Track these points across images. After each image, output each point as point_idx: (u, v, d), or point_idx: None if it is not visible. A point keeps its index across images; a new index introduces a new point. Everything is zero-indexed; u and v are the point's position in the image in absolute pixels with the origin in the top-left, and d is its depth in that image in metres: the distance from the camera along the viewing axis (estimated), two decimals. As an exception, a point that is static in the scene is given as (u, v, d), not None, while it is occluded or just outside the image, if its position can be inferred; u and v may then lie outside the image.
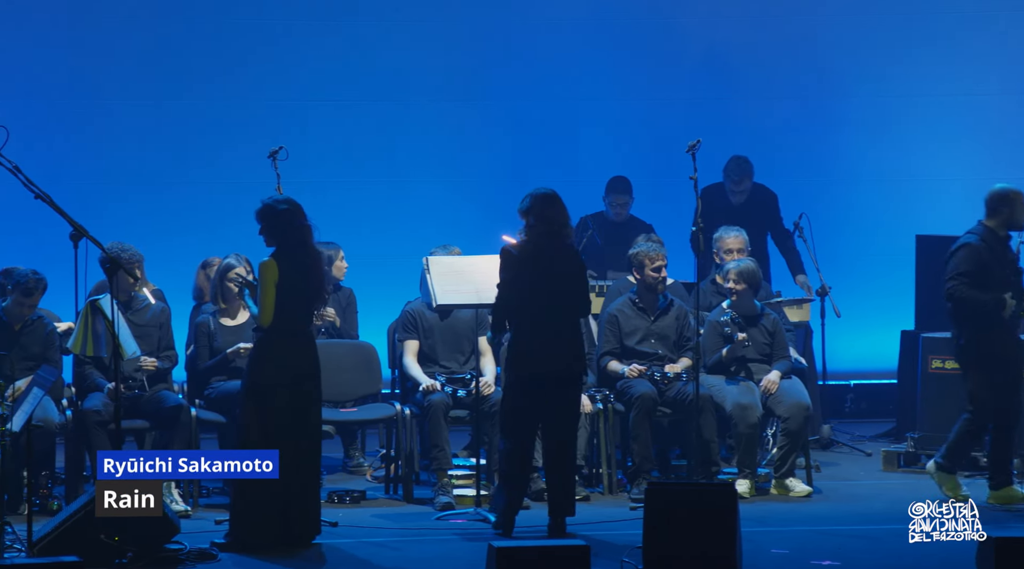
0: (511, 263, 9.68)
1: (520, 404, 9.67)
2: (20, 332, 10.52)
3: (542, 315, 9.64)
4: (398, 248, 13.34)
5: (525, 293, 9.66)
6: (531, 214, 9.72)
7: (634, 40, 14.35)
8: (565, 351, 9.66)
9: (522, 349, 9.66)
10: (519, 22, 14.21)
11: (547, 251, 9.67)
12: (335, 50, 14.00)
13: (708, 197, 12.82)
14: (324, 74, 14.00)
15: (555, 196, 9.74)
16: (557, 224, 9.71)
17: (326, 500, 10.64)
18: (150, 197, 13.76)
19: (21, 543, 8.77)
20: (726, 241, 11.74)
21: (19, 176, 8.56)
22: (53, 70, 13.67)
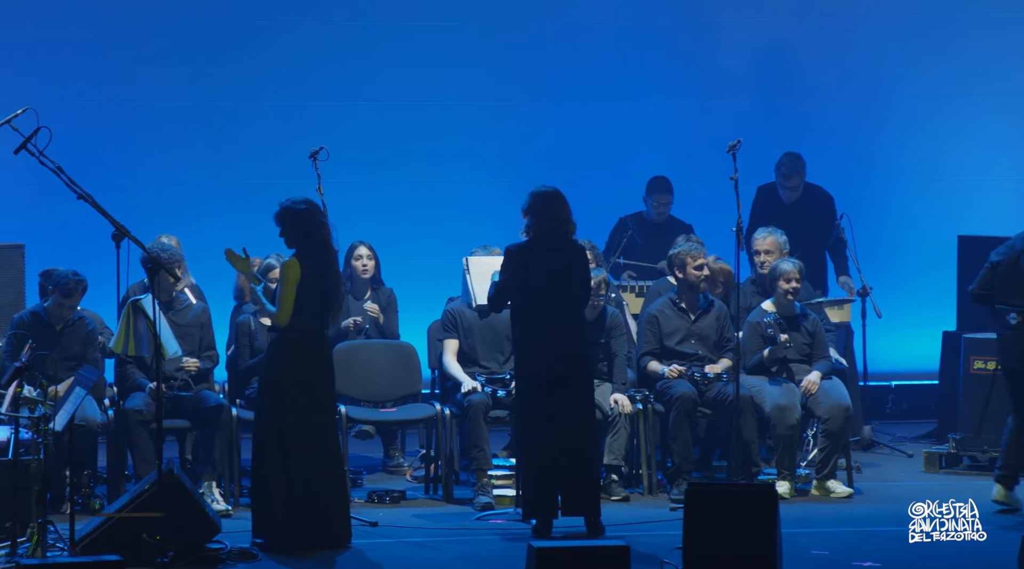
0: (512, 261, 9.70)
1: (531, 404, 9.68)
2: (61, 332, 10.57)
3: (545, 314, 9.64)
4: (439, 248, 13.35)
5: (527, 292, 9.67)
6: (532, 212, 9.73)
7: (675, 40, 14.32)
8: (569, 349, 9.66)
9: (527, 349, 9.67)
10: (559, 22, 14.20)
11: (549, 249, 9.67)
12: (376, 50, 14.02)
13: (762, 197, 12.82)
14: (365, 74, 14.02)
15: (557, 193, 9.74)
16: (558, 221, 9.71)
17: (366, 500, 10.67)
18: (190, 197, 13.80)
19: (64, 542, 8.81)
20: (762, 242, 11.71)
21: (61, 176, 8.60)
22: (95, 71, 13.73)
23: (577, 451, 9.71)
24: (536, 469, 9.68)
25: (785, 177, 12.80)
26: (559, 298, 9.68)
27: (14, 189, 13.19)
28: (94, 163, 12.83)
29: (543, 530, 9.60)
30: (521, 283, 9.69)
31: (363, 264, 11.83)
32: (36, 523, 8.69)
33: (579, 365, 9.72)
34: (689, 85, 14.33)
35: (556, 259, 9.69)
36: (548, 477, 9.68)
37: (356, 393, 11.22)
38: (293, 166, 11.84)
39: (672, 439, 10.84)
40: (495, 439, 11.22)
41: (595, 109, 14.23)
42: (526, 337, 9.69)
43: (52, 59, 13.63)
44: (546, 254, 9.67)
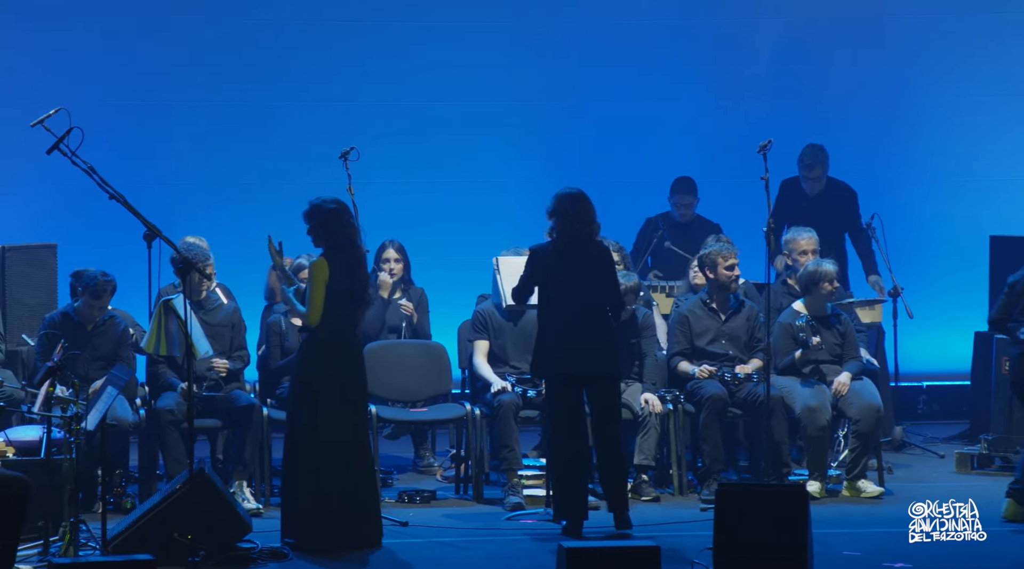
0: (535, 262, 9.70)
1: (557, 405, 9.68)
2: (92, 332, 10.61)
3: (568, 314, 9.64)
4: (469, 248, 13.35)
5: (551, 292, 9.67)
6: (556, 215, 9.72)
7: (703, 39, 14.31)
8: (593, 350, 9.65)
9: (550, 349, 9.67)
10: (587, 23, 14.20)
11: (572, 251, 9.66)
12: (406, 50, 14.04)
13: (785, 191, 12.79)
14: (396, 74, 14.04)
15: (581, 195, 9.74)
16: (583, 222, 9.70)
17: (396, 500, 10.68)
18: (221, 198, 13.85)
19: (96, 541, 8.84)
20: (799, 242, 11.68)
21: (94, 177, 8.62)
22: (128, 71, 13.78)
23: (604, 450, 9.71)
24: (565, 469, 9.68)
25: (808, 168, 12.77)
26: (584, 299, 9.67)
27: (47, 189, 13.25)
28: (125, 163, 12.87)
29: (573, 530, 9.60)
30: (546, 284, 9.69)
31: (391, 266, 11.84)
32: (68, 522, 8.72)
33: (605, 365, 9.70)
34: (716, 85, 14.32)
35: (581, 260, 9.68)
36: (577, 477, 9.68)
37: (386, 393, 11.24)
38: (324, 166, 11.85)
39: (702, 439, 10.83)
40: (525, 439, 11.22)
41: (623, 109, 14.22)
42: (552, 337, 9.69)
43: (85, 59, 13.69)
44: (571, 255, 9.67)
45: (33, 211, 13.35)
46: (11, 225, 12.85)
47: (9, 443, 9.35)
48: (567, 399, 9.68)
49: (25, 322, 11.49)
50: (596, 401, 9.74)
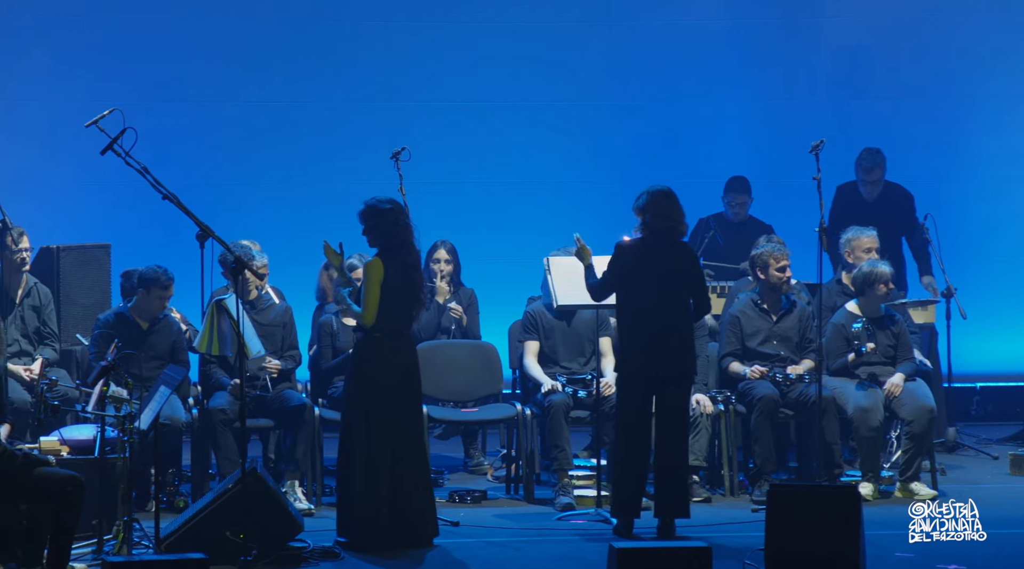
0: (621, 258, 9.66)
1: (629, 404, 9.66)
2: (148, 332, 10.66)
3: (651, 314, 9.60)
4: (520, 248, 13.35)
5: (634, 290, 9.64)
6: (647, 211, 9.68)
7: (758, 40, 14.27)
8: (673, 350, 9.61)
9: (630, 348, 9.65)
10: (641, 23, 14.18)
11: (660, 249, 9.63)
12: (457, 50, 14.05)
13: (842, 196, 12.73)
14: (447, 74, 14.06)
15: (671, 193, 9.69)
16: (672, 221, 9.66)
17: (447, 499, 10.69)
18: (274, 198, 13.90)
19: (149, 540, 8.88)
20: (861, 241, 11.59)
21: (147, 177, 8.66)
22: (181, 72, 13.85)
23: (675, 453, 9.67)
24: (625, 468, 9.64)
25: (867, 171, 12.71)
26: (668, 298, 9.63)
27: (101, 190, 13.33)
28: (178, 164, 12.93)
29: (623, 530, 9.58)
30: (630, 281, 9.65)
31: (440, 267, 11.84)
32: (122, 521, 8.78)
33: (683, 366, 9.67)
34: (770, 85, 14.27)
35: (668, 259, 9.62)
36: (637, 477, 9.64)
37: (437, 393, 11.25)
38: (375, 167, 11.87)
39: (754, 440, 10.80)
40: (576, 439, 11.22)
41: (675, 109, 14.20)
42: (632, 336, 9.65)
43: (138, 60, 13.76)
44: (658, 253, 9.61)
45: (87, 211, 13.43)
46: (65, 225, 12.93)
47: (64, 442, 9.41)
48: (639, 399, 9.63)
49: (79, 322, 11.56)
50: (667, 403, 9.67)
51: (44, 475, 8.18)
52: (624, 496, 9.63)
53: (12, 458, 8.11)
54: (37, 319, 11.19)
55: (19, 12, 13.67)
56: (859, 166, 12.77)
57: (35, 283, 11.27)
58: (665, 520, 9.58)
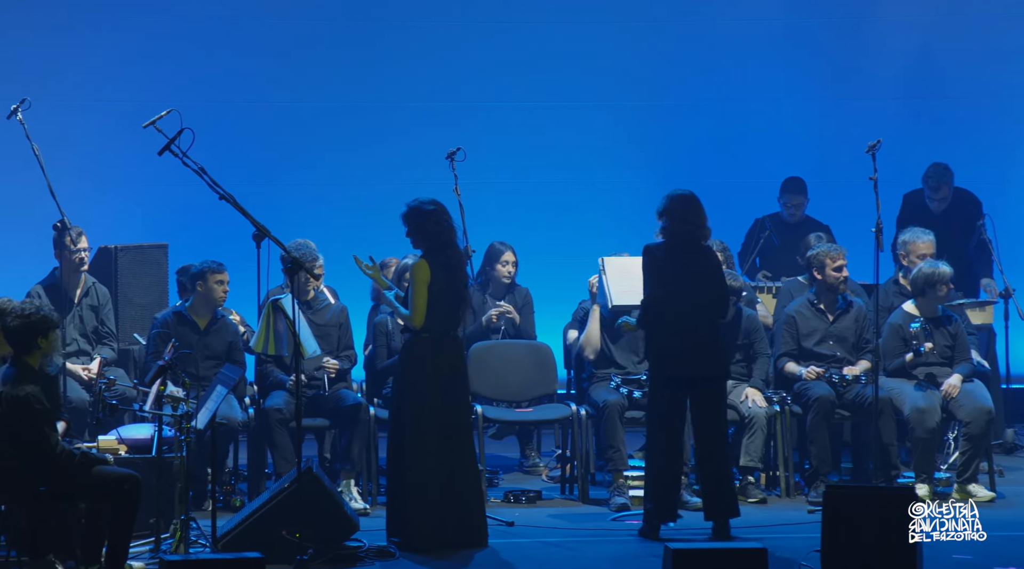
0: (652, 261, 9.66)
1: (662, 406, 9.64)
2: (205, 331, 10.72)
3: (678, 316, 9.58)
4: (574, 249, 13.35)
5: (663, 293, 9.62)
6: (667, 215, 9.67)
7: (815, 39, 14.22)
8: (702, 352, 9.59)
9: (660, 350, 9.63)
10: (696, 23, 14.16)
11: (683, 252, 9.61)
12: (513, 51, 14.06)
13: (909, 205, 12.65)
14: (502, 75, 14.07)
15: (692, 197, 9.68)
16: (693, 224, 9.64)
17: (502, 500, 10.70)
18: (330, 198, 13.94)
19: (206, 539, 8.92)
20: (918, 245, 11.51)
21: (204, 177, 8.70)
22: (241, 73, 13.92)
23: (716, 454, 9.65)
24: (660, 471, 9.61)
25: (934, 189, 12.61)
26: (692, 300, 9.62)
27: (158, 190, 13.40)
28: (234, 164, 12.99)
29: (651, 533, 9.53)
30: (659, 284, 9.65)
31: (509, 269, 11.82)
32: (179, 520, 8.82)
33: (713, 366, 9.65)
34: (827, 84, 14.22)
35: (690, 262, 9.62)
36: (669, 480, 9.61)
37: (492, 393, 11.26)
38: (430, 167, 11.89)
39: (810, 441, 10.76)
40: (631, 440, 11.18)
41: (732, 109, 14.16)
42: (659, 339, 9.65)
43: (196, 61, 13.83)
44: (680, 256, 9.62)
45: (145, 211, 13.52)
46: (123, 225, 13.01)
47: (121, 441, 9.46)
48: (670, 400, 9.63)
49: (136, 321, 11.63)
50: (702, 403, 9.68)
51: (102, 474, 8.24)
52: (660, 499, 9.58)
53: (71, 457, 8.17)
54: (95, 318, 11.26)
55: (77, 15, 13.77)
56: (926, 184, 12.67)
57: (93, 283, 11.34)
58: (719, 522, 9.55)
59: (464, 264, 9.58)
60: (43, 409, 8.11)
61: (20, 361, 8.24)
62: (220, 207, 8.83)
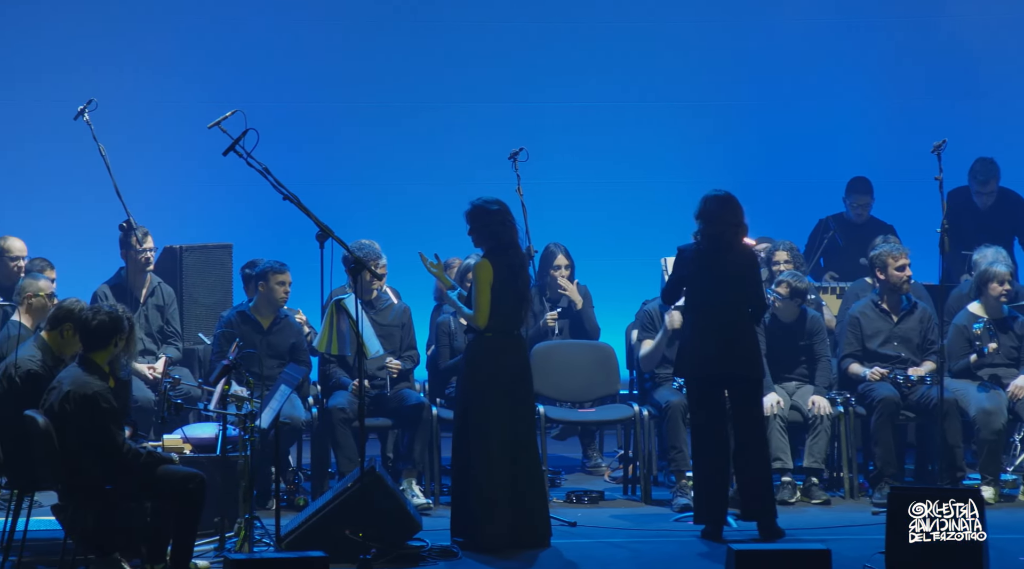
0: (682, 262, 9.64)
1: (698, 407, 9.61)
2: (269, 331, 10.77)
3: (712, 316, 9.55)
4: (638, 249, 13.33)
5: (695, 294, 9.60)
6: (702, 216, 9.64)
7: (880, 39, 14.16)
8: (736, 352, 9.55)
9: (693, 350, 9.60)
10: (759, 23, 14.12)
11: (716, 252, 9.57)
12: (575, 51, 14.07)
13: (954, 200, 12.57)
14: (565, 75, 14.08)
15: (729, 197, 9.64)
16: (730, 225, 9.60)
17: (565, 500, 10.70)
18: (392, 198, 13.99)
19: (270, 537, 8.95)
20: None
21: (268, 177, 8.74)
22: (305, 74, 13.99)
23: (747, 454, 9.60)
24: (706, 472, 9.58)
25: (982, 183, 12.54)
26: (726, 300, 9.57)
27: (222, 190, 13.48)
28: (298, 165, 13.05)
29: (713, 535, 9.50)
30: (692, 286, 9.63)
31: (563, 272, 11.82)
32: (243, 518, 8.86)
33: (746, 367, 9.60)
34: (893, 84, 14.15)
35: (725, 262, 9.58)
36: (718, 481, 9.58)
37: (554, 393, 11.26)
38: (493, 167, 11.91)
39: (874, 443, 10.71)
40: (693, 440, 11.17)
41: (796, 108, 14.11)
42: (692, 339, 9.62)
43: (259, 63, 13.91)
44: (715, 257, 9.58)
45: (209, 212, 13.60)
46: (188, 225, 13.11)
47: (186, 440, 9.52)
48: (708, 400, 9.60)
49: (201, 321, 11.70)
50: (737, 404, 9.64)
51: (167, 473, 8.28)
52: (709, 500, 9.55)
53: (136, 456, 8.22)
54: (161, 318, 11.33)
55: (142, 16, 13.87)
56: (973, 177, 12.60)
57: (159, 283, 11.42)
58: (763, 521, 9.51)
59: (526, 264, 9.56)
60: (110, 408, 8.17)
61: (88, 360, 8.30)
62: (284, 207, 8.87)
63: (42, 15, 13.83)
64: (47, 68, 13.75)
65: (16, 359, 8.61)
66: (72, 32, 13.81)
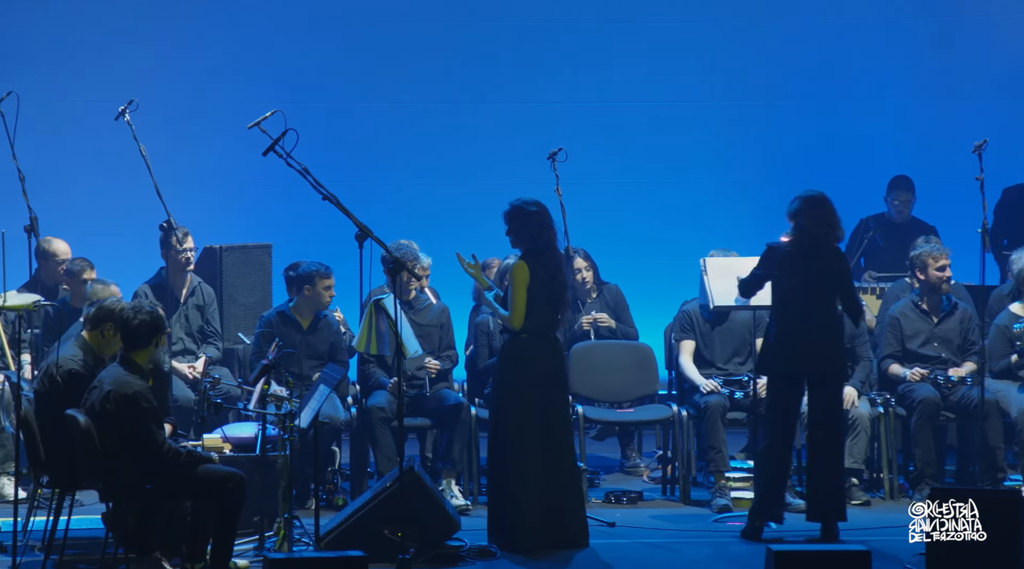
0: (770, 260, 9.60)
1: (777, 403, 9.58)
2: (308, 331, 10.79)
3: (801, 315, 9.51)
4: (676, 249, 13.31)
5: (785, 293, 9.57)
6: (799, 216, 9.60)
7: (921, 38, 14.10)
8: (823, 351, 9.51)
9: (780, 348, 9.56)
10: (796, 21, 14.08)
11: (811, 253, 9.53)
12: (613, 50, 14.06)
13: (1008, 198, 12.52)
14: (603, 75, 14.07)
15: (824, 198, 9.60)
16: (825, 226, 9.56)
17: (603, 500, 10.69)
18: (431, 198, 14.00)
19: (309, 537, 8.98)
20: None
21: (308, 177, 8.76)
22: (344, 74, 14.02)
23: (829, 454, 9.56)
24: (771, 468, 9.55)
25: None
26: (818, 302, 9.54)
27: (262, 190, 13.53)
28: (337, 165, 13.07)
29: (752, 534, 9.47)
30: (780, 284, 9.59)
31: (582, 275, 11.78)
32: (283, 518, 8.88)
33: (831, 366, 9.57)
34: (933, 83, 14.09)
35: (819, 264, 9.54)
36: (779, 478, 9.55)
37: (593, 393, 11.25)
38: (531, 167, 11.91)
39: (914, 443, 10.67)
40: (732, 441, 11.15)
41: (835, 108, 14.07)
42: (782, 337, 9.58)
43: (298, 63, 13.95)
44: (809, 258, 9.53)
45: (249, 212, 13.65)
46: (228, 225, 13.15)
47: (226, 439, 9.55)
48: (787, 399, 9.56)
49: (241, 321, 11.74)
50: (818, 403, 9.58)
51: (207, 472, 8.32)
52: (767, 499, 9.52)
53: (177, 455, 8.25)
54: (200, 318, 11.37)
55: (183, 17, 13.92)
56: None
57: (199, 282, 11.46)
58: (826, 524, 9.48)
59: (563, 266, 9.54)
60: (151, 407, 8.20)
61: (128, 359, 8.34)
62: (323, 207, 8.89)
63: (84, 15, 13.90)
64: (88, 69, 13.82)
65: (57, 359, 8.65)
66: (113, 33, 13.87)
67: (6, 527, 9.08)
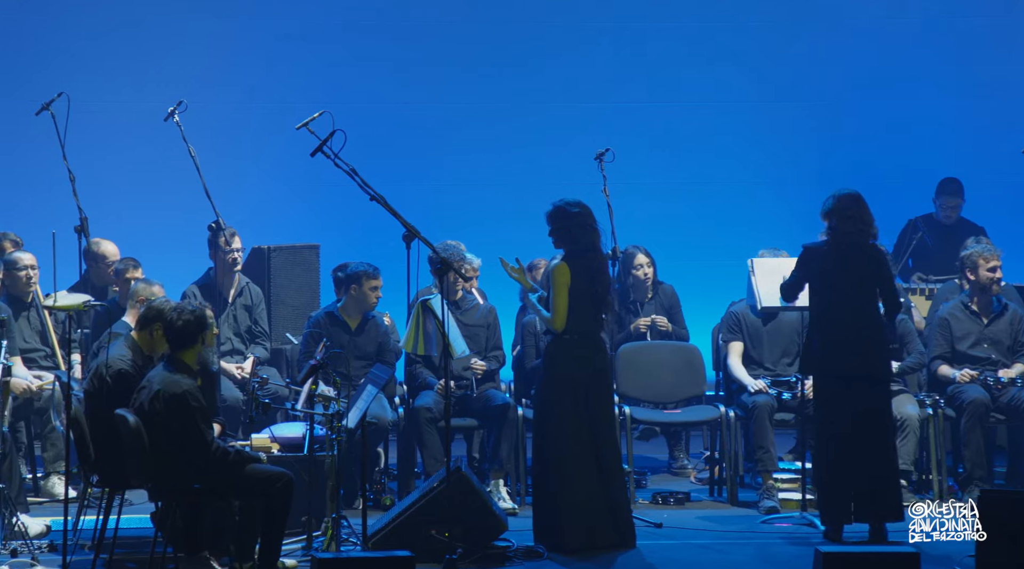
0: (807, 261, 9.57)
1: (824, 405, 9.54)
2: (356, 332, 10.82)
3: (841, 315, 9.48)
4: (724, 250, 13.29)
5: (824, 294, 9.52)
6: (833, 215, 9.56)
7: (969, 37, 14.03)
8: (864, 351, 9.47)
9: (821, 349, 9.53)
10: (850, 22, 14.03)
11: (847, 252, 9.50)
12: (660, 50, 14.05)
13: None
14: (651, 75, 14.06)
15: (858, 197, 9.55)
16: (862, 223, 9.52)
17: (650, 501, 10.67)
18: (478, 198, 14.02)
19: (356, 537, 9.00)
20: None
21: (355, 178, 8.79)
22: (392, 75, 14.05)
23: (870, 454, 9.52)
24: (828, 471, 9.52)
25: None
26: (857, 300, 9.51)
27: (310, 191, 13.57)
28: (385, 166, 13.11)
29: (833, 535, 9.45)
30: (819, 284, 9.56)
31: (644, 272, 11.75)
32: (330, 518, 8.91)
33: (874, 367, 9.53)
34: (983, 84, 14.02)
35: (855, 262, 9.51)
36: (842, 479, 9.50)
37: (640, 394, 11.24)
38: (579, 167, 11.91)
39: (964, 445, 10.61)
40: (780, 441, 11.11)
41: (885, 108, 14.02)
42: (822, 337, 9.55)
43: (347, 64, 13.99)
44: (845, 256, 9.50)
45: (297, 212, 13.69)
46: (276, 226, 13.19)
47: (274, 439, 9.58)
48: (837, 399, 9.52)
49: (288, 321, 11.78)
50: (864, 404, 9.55)
51: (255, 472, 8.34)
52: (830, 500, 9.50)
53: (225, 455, 8.29)
54: (249, 318, 11.41)
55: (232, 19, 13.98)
56: None
57: (247, 283, 11.50)
58: (874, 525, 9.43)
59: (606, 268, 9.51)
60: (199, 406, 8.24)
61: (176, 359, 8.38)
62: (371, 208, 8.91)
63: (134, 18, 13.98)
64: (138, 70, 13.89)
65: (107, 359, 8.69)
66: (162, 35, 13.95)
67: (57, 526, 9.15)
